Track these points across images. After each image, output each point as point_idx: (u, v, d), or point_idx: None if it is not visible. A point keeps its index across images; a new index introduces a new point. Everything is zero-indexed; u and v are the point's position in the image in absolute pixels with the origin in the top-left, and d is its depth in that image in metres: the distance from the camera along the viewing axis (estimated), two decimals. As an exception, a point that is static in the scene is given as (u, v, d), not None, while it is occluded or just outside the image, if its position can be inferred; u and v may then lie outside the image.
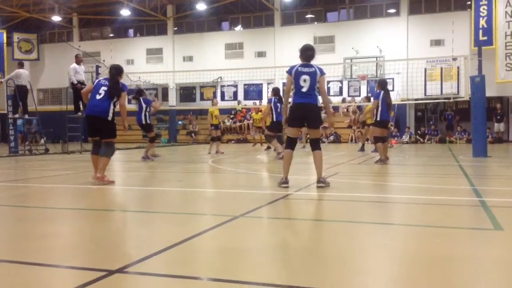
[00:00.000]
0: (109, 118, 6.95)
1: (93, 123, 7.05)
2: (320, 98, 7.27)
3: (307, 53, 6.47)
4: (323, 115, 10.55)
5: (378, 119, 10.28)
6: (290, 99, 6.72)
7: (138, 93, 12.41)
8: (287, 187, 6.21)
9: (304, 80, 6.29)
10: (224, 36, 29.80)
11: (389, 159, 10.57)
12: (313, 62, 6.57)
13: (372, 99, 14.57)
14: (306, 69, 6.35)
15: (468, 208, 4.96)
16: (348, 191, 6.29)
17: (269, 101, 12.66)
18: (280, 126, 11.84)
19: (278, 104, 11.99)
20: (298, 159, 12.89)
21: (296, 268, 2.86)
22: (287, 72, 6.50)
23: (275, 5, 28.18)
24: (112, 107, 6.99)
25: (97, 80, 7.37)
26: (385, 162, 10.27)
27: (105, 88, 6.99)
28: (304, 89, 6.29)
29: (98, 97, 6.97)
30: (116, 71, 7.13)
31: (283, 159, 6.55)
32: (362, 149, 15.53)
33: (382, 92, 10.21)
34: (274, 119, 12.15)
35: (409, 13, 26.12)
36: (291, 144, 6.51)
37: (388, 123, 10.73)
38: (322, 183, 6.28)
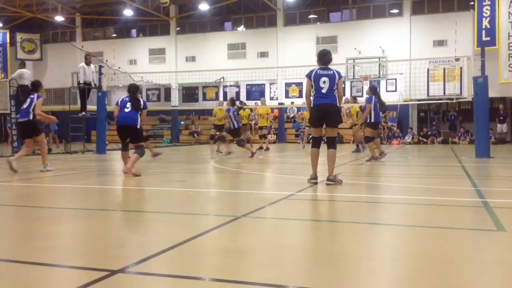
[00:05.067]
0: (138, 126, 8.37)
1: (125, 131, 8.42)
2: None
3: (325, 58, 6.85)
4: None
5: (372, 120, 11.19)
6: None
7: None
8: (316, 182, 6.62)
9: (324, 82, 6.64)
10: (226, 36, 29.80)
11: (384, 153, 11.49)
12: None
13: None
14: (325, 72, 6.73)
15: (471, 209, 4.95)
16: (350, 191, 6.28)
17: (227, 110, 13.81)
18: (237, 132, 13.60)
19: (236, 113, 13.75)
20: (301, 160, 12.88)
21: (299, 268, 2.86)
22: (306, 76, 6.86)
23: (277, 6, 28.16)
24: (139, 117, 8.40)
25: (121, 98, 8.67)
26: (378, 159, 11.02)
27: (130, 103, 8.47)
28: (323, 90, 6.64)
29: (126, 110, 8.35)
30: (135, 89, 8.64)
31: (311, 157, 6.84)
32: (357, 150, 15.59)
33: (374, 96, 11.19)
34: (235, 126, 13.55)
35: (412, 13, 26.07)
36: (316, 143, 6.89)
37: (379, 124, 12.05)
38: (331, 181, 6.51)
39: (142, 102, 8.54)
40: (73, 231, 3.98)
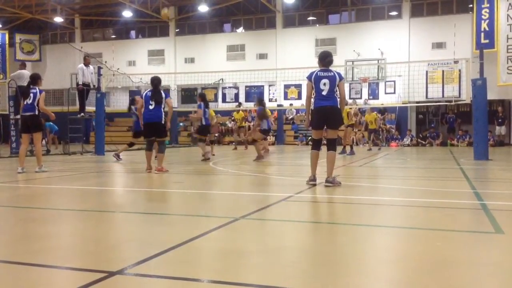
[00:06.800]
0: (163, 121, 8.93)
1: (151, 127, 8.95)
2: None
3: (326, 60, 6.83)
4: None
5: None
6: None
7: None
8: (315, 184, 6.59)
9: (324, 84, 6.63)
10: (225, 37, 29.81)
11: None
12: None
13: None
14: (325, 74, 6.71)
15: (469, 211, 4.95)
16: (349, 193, 6.28)
17: (199, 106, 13.07)
18: (207, 130, 13.24)
19: (206, 110, 12.92)
20: (299, 161, 12.88)
21: (298, 270, 2.85)
22: (307, 78, 6.85)
23: (277, 7, 28.19)
24: (163, 112, 8.90)
25: (144, 93, 9.15)
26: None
27: (152, 99, 8.87)
28: (324, 92, 6.63)
29: (150, 107, 8.86)
30: (158, 82, 9.07)
31: (310, 159, 6.83)
32: (352, 152, 15.62)
33: None
34: (204, 123, 12.92)
35: (411, 15, 26.12)
36: (316, 145, 6.89)
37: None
38: (329, 183, 6.51)
39: (163, 95, 8.97)
40: (71, 232, 3.97)
